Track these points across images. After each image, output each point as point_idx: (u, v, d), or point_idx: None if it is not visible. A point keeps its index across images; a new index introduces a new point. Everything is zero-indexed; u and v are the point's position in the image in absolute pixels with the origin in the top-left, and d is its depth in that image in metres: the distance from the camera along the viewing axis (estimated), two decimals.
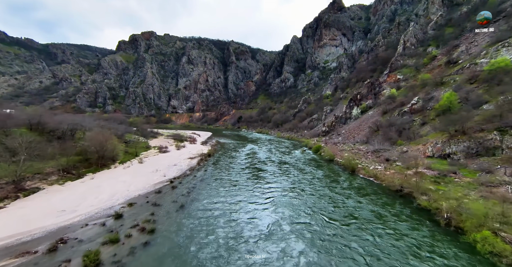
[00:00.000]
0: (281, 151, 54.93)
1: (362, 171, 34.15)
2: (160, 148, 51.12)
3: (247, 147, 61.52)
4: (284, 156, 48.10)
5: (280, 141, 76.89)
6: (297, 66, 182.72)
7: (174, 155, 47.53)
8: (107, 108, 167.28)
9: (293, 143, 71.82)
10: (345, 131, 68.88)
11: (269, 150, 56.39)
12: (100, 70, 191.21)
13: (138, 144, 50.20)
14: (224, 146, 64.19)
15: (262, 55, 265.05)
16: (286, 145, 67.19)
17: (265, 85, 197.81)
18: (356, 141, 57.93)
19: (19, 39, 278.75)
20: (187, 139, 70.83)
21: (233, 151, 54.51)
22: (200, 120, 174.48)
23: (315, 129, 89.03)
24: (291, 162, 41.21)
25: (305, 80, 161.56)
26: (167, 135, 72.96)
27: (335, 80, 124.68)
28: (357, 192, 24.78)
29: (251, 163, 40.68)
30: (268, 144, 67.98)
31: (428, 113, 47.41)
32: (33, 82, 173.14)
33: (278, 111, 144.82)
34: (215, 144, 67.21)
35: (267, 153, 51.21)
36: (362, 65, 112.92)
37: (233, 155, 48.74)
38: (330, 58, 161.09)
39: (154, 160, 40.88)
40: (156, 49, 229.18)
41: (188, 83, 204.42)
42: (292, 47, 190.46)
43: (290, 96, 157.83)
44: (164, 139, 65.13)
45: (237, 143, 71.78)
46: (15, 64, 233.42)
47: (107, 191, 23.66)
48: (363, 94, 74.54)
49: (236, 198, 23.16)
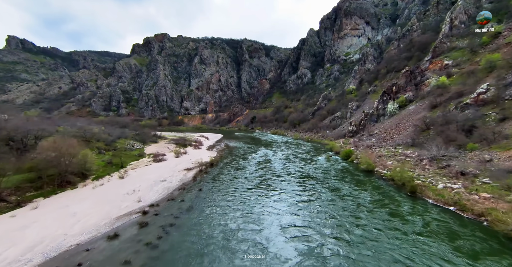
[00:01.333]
0: (301, 157, 44.40)
1: (429, 192, 22.70)
2: (155, 156, 43.06)
3: (260, 152, 51.68)
4: (306, 165, 37.57)
5: (298, 144, 66.10)
6: (314, 61, 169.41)
7: (169, 164, 39.09)
8: (121, 111, 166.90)
9: (314, 146, 60.68)
10: (379, 131, 56.46)
11: (286, 156, 46.09)
12: (115, 74, 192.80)
13: (130, 152, 42.51)
14: (233, 151, 54.94)
15: (276, 52, 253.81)
16: (306, 148, 56.34)
17: (280, 83, 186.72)
18: (397, 143, 45.63)
19: (45, 48, 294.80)
20: (192, 143, 62.67)
21: (242, 158, 44.99)
22: (213, 122, 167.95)
23: (339, 129, 76.85)
24: (317, 175, 30.62)
25: (324, 75, 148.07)
26: (170, 139, 65.48)
27: (360, 73, 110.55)
28: (450, 244, 13.81)
29: (263, 177, 30.75)
30: (285, 148, 57.61)
31: (508, 104, 34.22)
32: (53, 88, 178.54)
33: (294, 110, 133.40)
34: (223, 149, 58.24)
35: (283, 161, 41.02)
36: (392, 54, 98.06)
37: (240, 165, 39.18)
38: (352, 50, 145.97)
39: (140, 173, 32.54)
40: (169, 51, 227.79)
41: (200, 84, 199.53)
42: (309, 41, 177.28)
43: (308, 93, 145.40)
44: (165, 144, 57.46)
45: (249, 146, 62.21)
46: (40, 72, 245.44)
47: (32, 236, 15.10)
48: (400, 85, 61.31)
49: (234, 254, 13.44)
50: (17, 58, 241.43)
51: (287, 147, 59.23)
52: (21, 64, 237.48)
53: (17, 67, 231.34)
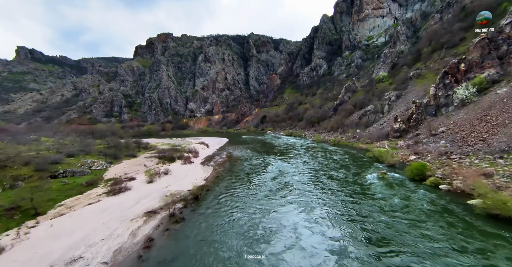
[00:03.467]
0: (337, 177, 27.65)
1: None
2: (116, 184, 28.19)
3: (273, 167, 35.45)
4: (352, 196, 20.76)
5: (324, 150, 48.97)
6: (330, 49, 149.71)
7: (128, 200, 23.98)
8: (123, 117, 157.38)
9: (348, 153, 43.38)
10: (447, 128, 38.29)
11: (314, 174, 29.59)
12: (117, 78, 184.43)
13: (76, 179, 27.99)
14: (236, 166, 39.13)
15: (286, 44, 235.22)
16: (338, 158, 39.24)
17: (291, 77, 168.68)
18: (498, 148, 27.70)
19: (54, 57, 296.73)
20: (183, 155, 47.70)
21: (245, 180, 29.11)
22: (219, 124, 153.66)
23: (375, 128, 58.73)
24: (395, 239, 13.81)
25: (343, 65, 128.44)
26: (156, 151, 50.81)
27: (391, 57, 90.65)
28: None
29: (281, 234, 14.54)
30: (308, 157, 40.94)
31: None
32: (55, 96, 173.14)
33: (310, 106, 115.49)
34: (223, 162, 42.66)
35: (312, 187, 24.50)
36: (436, 28, 77.63)
37: (241, 195, 23.28)
38: (376, 33, 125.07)
39: (50, 233, 17.62)
40: (173, 51, 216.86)
41: (205, 84, 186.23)
42: (323, 28, 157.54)
43: (325, 86, 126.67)
44: (145, 159, 42.77)
45: (258, 157, 46.12)
46: (48, 81, 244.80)
47: None
48: (472, 61, 42.41)
49: None
50: (26, 68, 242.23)
51: (311, 156, 42.46)
52: (30, 74, 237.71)
53: (26, 77, 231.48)
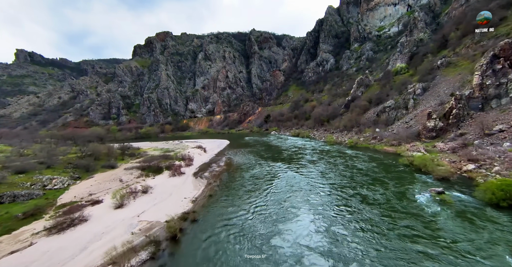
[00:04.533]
0: (374, 199, 19.10)
1: None
2: (69, 212, 20.41)
3: (280, 180, 27.21)
4: (414, 238, 12.08)
5: (341, 154, 40.36)
6: (337, 42, 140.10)
7: (73, 242, 16.08)
8: (121, 119, 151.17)
9: (373, 159, 34.70)
10: (508, 126, 29.56)
11: (337, 191, 21.20)
12: (115, 79, 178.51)
13: (13, 207, 20.31)
14: (235, 177, 31.05)
15: (289, 40, 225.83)
16: (362, 166, 30.68)
17: (296, 74, 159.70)
18: None
19: (54, 60, 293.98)
20: (174, 163, 39.88)
21: (245, 203, 20.93)
22: (221, 124, 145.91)
23: (399, 126, 49.82)
24: None
25: (352, 58, 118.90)
26: (141, 160, 43.02)
27: (409, 46, 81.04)
28: None
29: None
30: (324, 165, 32.55)
31: None
32: (52, 99, 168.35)
33: (318, 104, 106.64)
34: (220, 172, 34.64)
35: (340, 219, 15.95)
36: (461, 11, 67.91)
37: (238, 234, 15.07)
38: (387, 23, 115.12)
39: None
40: (172, 50, 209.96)
41: (206, 82, 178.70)
42: (329, 20, 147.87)
43: (333, 82, 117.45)
44: (125, 170, 35.00)
45: (262, 164, 37.90)
46: (48, 83, 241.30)
47: None
48: None
49: None
50: (25, 71, 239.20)
51: (328, 164, 33.98)
52: (29, 77, 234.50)
53: (25, 80, 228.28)
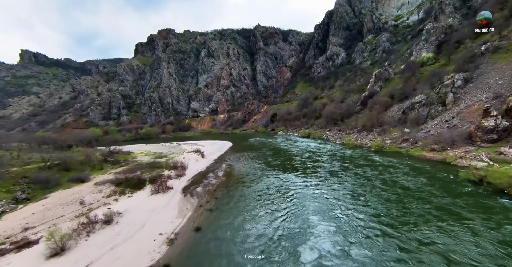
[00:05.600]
0: (463, 255, 10.98)
1: None
2: None
3: (296, 206, 19.00)
4: None
5: (368, 162, 31.69)
6: (348, 35, 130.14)
7: None
8: (122, 119, 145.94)
9: (416, 170, 25.97)
10: None
11: (385, 225, 13.13)
12: (116, 78, 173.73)
13: None
14: (234, 196, 23.07)
15: (295, 35, 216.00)
16: (408, 182, 22.10)
17: (303, 69, 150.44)
18: None
19: (58, 60, 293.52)
20: (162, 173, 32.36)
21: (244, 245, 13.17)
22: (225, 124, 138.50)
23: (436, 125, 40.79)
24: None
25: (366, 51, 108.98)
26: (123, 169, 35.62)
27: (436, 34, 71.03)
28: None
29: None
30: (352, 181, 24.17)
31: None
32: (53, 99, 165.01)
33: (329, 101, 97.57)
34: (217, 187, 26.77)
35: None
36: None
37: None
38: (405, 11, 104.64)
39: None
40: (175, 47, 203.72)
41: (209, 80, 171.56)
42: (339, 12, 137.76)
43: (345, 77, 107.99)
44: (93, 187, 27.55)
45: (269, 176, 29.80)
46: (52, 84, 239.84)
47: None
48: None
49: None
50: (29, 72, 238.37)
51: (355, 176, 25.57)
52: (34, 78, 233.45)
53: (29, 81, 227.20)
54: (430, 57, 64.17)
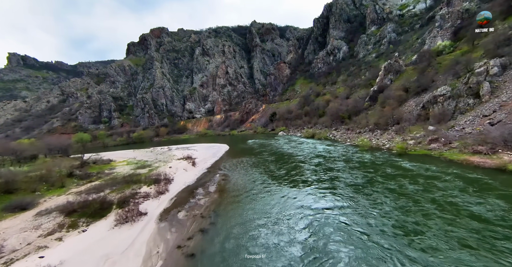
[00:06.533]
0: None
1: None
2: None
3: (309, 238, 12.21)
4: None
5: (397, 170, 24.58)
6: (350, 28, 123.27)
7: None
8: (113, 122, 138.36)
9: (465, 180, 18.84)
10: None
11: None
12: (107, 79, 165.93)
13: None
14: (227, 224, 16.10)
15: (293, 31, 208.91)
16: (466, 203, 15.00)
17: (303, 65, 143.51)
18: None
19: (49, 63, 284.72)
20: (138, 191, 25.31)
21: None
22: (221, 125, 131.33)
23: (472, 122, 33.82)
24: None
25: (370, 43, 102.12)
26: (86, 188, 28.52)
27: (452, 19, 64.20)
28: None
29: None
30: (380, 194, 17.08)
31: None
32: (40, 103, 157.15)
33: (333, 98, 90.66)
34: (206, 209, 19.59)
35: None
36: None
37: None
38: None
39: None
40: (168, 46, 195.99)
41: (204, 80, 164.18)
42: (339, 3, 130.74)
43: (348, 72, 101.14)
44: (32, 220, 20.23)
45: (271, 192, 22.73)
46: (42, 87, 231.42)
47: None
48: None
49: None
50: (18, 75, 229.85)
51: (388, 193, 18.53)
52: (22, 82, 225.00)
53: (17, 85, 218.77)
54: (447, 45, 57.33)
